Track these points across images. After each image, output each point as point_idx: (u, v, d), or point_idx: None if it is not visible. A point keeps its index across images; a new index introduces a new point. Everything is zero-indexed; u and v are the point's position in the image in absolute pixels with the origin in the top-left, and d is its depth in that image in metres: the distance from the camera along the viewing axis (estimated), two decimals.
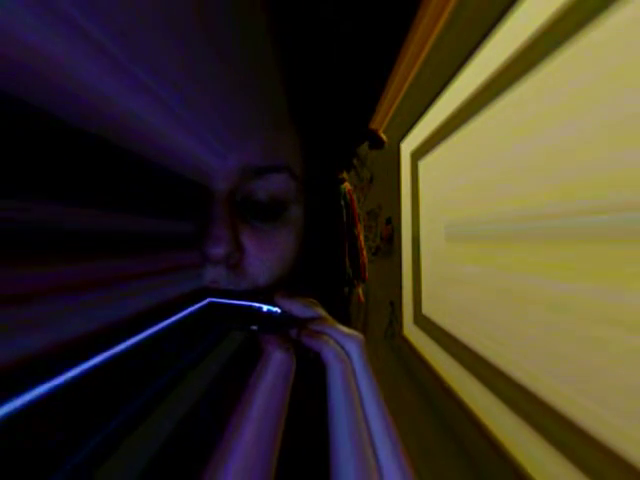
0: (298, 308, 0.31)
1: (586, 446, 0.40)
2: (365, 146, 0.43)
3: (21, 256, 0.20)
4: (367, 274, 0.42)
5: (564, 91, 0.48)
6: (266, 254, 0.32)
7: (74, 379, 0.20)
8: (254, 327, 0.31)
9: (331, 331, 0.30)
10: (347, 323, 0.32)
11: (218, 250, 0.29)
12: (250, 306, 0.31)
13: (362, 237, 0.42)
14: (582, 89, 0.45)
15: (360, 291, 0.42)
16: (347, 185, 0.41)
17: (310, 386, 0.29)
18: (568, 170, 0.48)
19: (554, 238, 0.51)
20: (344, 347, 0.29)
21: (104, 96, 0.23)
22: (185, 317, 0.28)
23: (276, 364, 0.27)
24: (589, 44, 0.43)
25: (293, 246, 0.34)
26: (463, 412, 0.71)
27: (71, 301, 0.22)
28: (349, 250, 0.40)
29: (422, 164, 1.02)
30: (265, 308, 0.31)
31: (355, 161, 0.41)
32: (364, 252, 0.42)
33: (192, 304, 0.29)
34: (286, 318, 0.31)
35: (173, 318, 0.27)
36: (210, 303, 0.30)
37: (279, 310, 0.31)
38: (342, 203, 0.40)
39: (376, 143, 0.42)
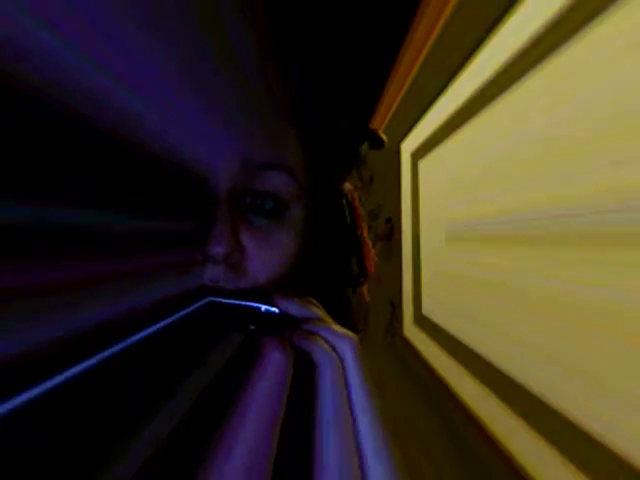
0: (296, 308, 0.31)
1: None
2: (365, 146, 0.43)
3: (17, 254, 0.20)
4: (372, 270, 0.42)
5: (564, 91, 0.48)
6: (266, 253, 0.32)
7: (70, 378, 0.19)
8: (253, 327, 0.30)
9: (324, 332, 0.29)
10: (349, 322, 0.32)
11: (219, 249, 0.29)
12: (249, 306, 0.31)
13: (365, 235, 0.42)
14: (583, 89, 0.45)
15: (365, 290, 0.42)
16: (348, 185, 0.41)
17: (300, 387, 0.28)
18: (568, 170, 0.49)
19: (554, 238, 0.51)
20: (337, 348, 0.29)
21: (103, 94, 0.23)
22: (184, 316, 0.28)
23: (274, 364, 0.27)
24: (589, 45, 0.43)
25: (294, 246, 0.34)
26: (464, 413, 0.71)
27: (68, 299, 0.22)
28: (353, 249, 0.40)
29: (422, 164, 1.02)
30: (264, 308, 0.31)
31: (357, 162, 0.41)
32: (370, 249, 0.42)
33: (191, 303, 0.29)
34: (284, 318, 0.31)
35: (172, 317, 0.27)
36: (209, 302, 0.30)
37: (277, 310, 0.31)
38: (344, 202, 0.40)
39: (376, 143, 0.42)
